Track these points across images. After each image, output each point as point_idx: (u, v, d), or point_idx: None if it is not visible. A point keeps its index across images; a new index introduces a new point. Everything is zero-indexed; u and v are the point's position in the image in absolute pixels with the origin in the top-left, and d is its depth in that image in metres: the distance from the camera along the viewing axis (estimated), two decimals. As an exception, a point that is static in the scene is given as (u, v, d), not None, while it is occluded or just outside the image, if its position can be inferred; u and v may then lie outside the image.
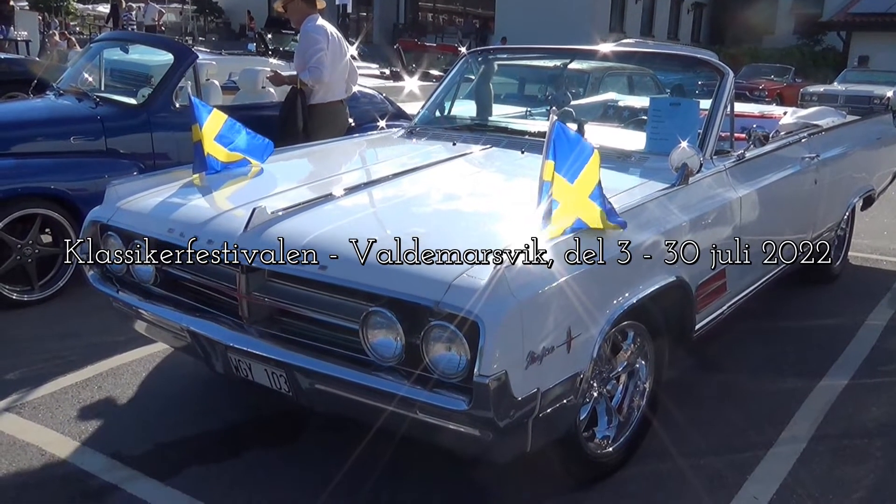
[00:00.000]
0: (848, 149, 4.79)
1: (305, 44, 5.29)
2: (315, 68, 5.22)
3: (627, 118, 4.34)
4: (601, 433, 2.80)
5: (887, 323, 4.55)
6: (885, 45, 21.80)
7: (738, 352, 4.05)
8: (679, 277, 2.83)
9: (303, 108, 5.29)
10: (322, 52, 5.22)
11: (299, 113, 5.26)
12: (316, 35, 5.27)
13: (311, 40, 5.27)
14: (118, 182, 3.12)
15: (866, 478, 2.93)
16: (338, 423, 3.03)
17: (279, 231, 2.55)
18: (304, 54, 5.29)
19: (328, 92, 5.39)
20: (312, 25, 5.29)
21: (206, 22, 32.14)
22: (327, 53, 5.25)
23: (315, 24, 5.30)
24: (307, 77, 5.25)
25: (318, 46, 5.23)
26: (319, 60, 5.21)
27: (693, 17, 32.98)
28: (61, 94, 5.21)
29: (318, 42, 5.24)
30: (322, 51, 5.22)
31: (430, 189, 3.11)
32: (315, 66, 5.22)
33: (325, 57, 5.23)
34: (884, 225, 6.95)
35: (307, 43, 5.27)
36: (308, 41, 5.28)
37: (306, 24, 5.30)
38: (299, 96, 5.29)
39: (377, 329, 2.27)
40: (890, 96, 16.70)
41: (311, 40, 5.27)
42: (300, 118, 5.26)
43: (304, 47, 5.30)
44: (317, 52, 5.22)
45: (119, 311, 3.08)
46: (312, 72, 5.23)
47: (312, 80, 5.25)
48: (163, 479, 2.79)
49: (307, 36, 5.29)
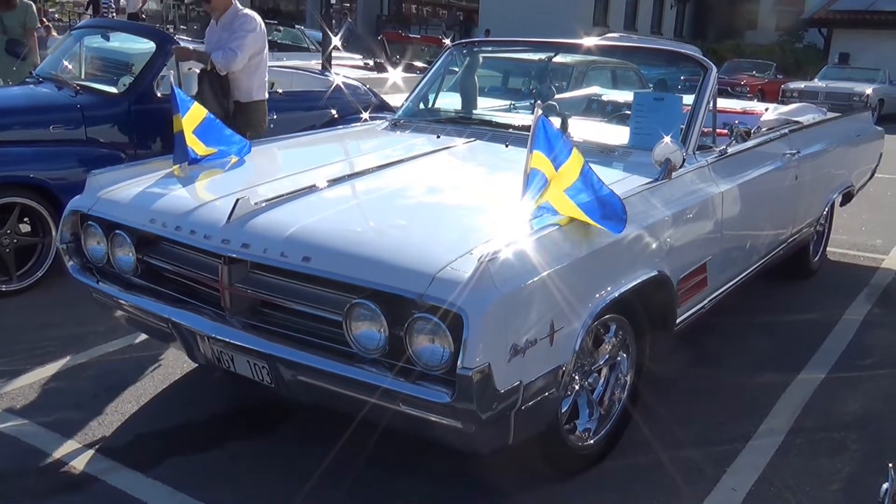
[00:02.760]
0: (828, 145, 4.84)
1: (233, 27, 4.92)
2: (232, 51, 4.83)
3: (611, 112, 4.35)
4: (582, 426, 2.82)
5: (864, 318, 4.61)
6: (866, 43, 22.00)
7: (718, 346, 4.09)
8: (661, 271, 2.85)
9: (223, 94, 4.91)
10: (247, 38, 4.89)
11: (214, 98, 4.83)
12: (250, 21, 4.95)
13: (243, 24, 4.92)
14: (99, 171, 3.09)
15: (843, 470, 2.97)
16: (319, 415, 3.03)
17: (262, 222, 2.54)
18: (228, 37, 4.90)
19: (253, 89, 5.05)
20: (244, 12, 5.00)
21: (187, 10, 31.84)
22: (251, 45, 4.92)
23: (246, 11, 5.00)
24: (219, 57, 4.83)
25: (246, 31, 4.90)
26: (241, 46, 4.85)
27: (676, 12, 33.09)
28: (41, 82, 5.15)
29: (250, 29, 4.92)
30: (247, 37, 4.89)
31: (413, 181, 3.10)
32: (233, 49, 4.84)
33: (247, 46, 4.88)
34: (862, 221, 7.03)
35: (236, 25, 4.92)
36: (238, 23, 4.92)
37: (235, 10, 5.00)
38: (212, 82, 4.89)
39: (360, 321, 2.27)
40: (869, 93, 16.90)
41: (243, 24, 4.92)
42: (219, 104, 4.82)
43: (230, 30, 4.93)
44: (242, 36, 4.88)
45: (99, 302, 3.06)
46: (227, 54, 4.83)
47: (224, 63, 4.83)
48: (144, 470, 2.77)
49: (238, 18, 4.95)
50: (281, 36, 15.21)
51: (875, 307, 4.81)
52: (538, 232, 2.35)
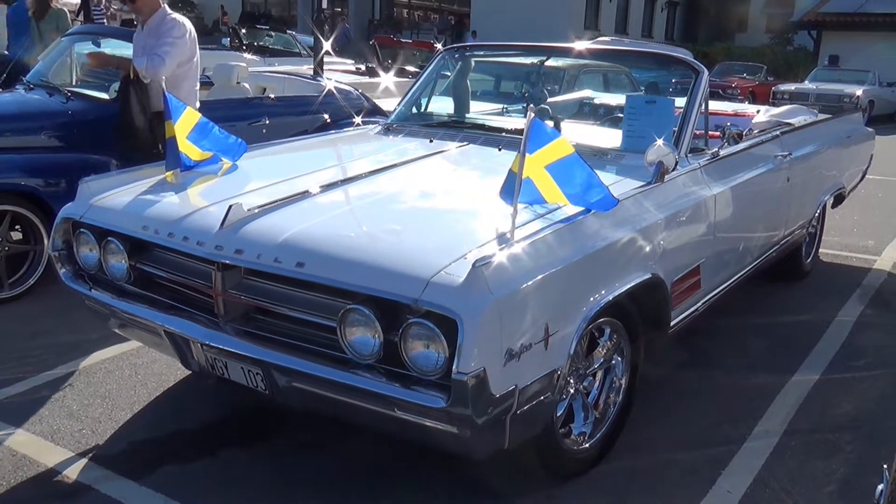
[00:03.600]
0: (819, 147, 4.86)
1: (161, 31, 4.46)
2: (158, 58, 4.35)
3: (603, 116, 4.36)
4: (577, 429, 2.82)
5: (857, 319, 4.63)
6: (855, 45, 22.12)
7: (712, 348, 4.09)
8: (655, 274, 2.85)
9: (145, 104, 4.48)
10: (175, 45, 4.42)
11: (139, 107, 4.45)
12: (179, 26, 4.49)
13: (171, 29, 4.45)
14: (91, 178, 3.07)
15: (837, 471, 2.98)
16: (313, 421, 3.02)
17: (255, 228, 2.53)
18: (154, 43, 4.44)
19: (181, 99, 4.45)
20: (173, 17, 4.54)
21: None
22: (179, 52, 4.45)
23: (175, 16, 4.56)
24: (143, 64, 4.37)
25: (174, 37, 4.43)
26: (168, 53, 4.38)
27: (667, 16, 33.22)
28: (31, 89, 5.13)
29: (178, 35, 4.46)
30: (175, 43, 4.43)
31: (407, 186, 3.10)
32: (160, 55, 4.36)
33: (175, 52, 4.42)
34: (854, 222, 7.06)
35: (164, 30, 4.46)
36: (165, 28, 4.46)
37: (163, 14, 4.54)
38: (133, 88, 4.46)
39: (355, 326, 2.26)
40: (859, 95, 17.00)
41: (171, 29, 4.45)
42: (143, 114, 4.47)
43: (156, 35, 4.46)
44: (170, 42, 4.41)
45: (92, 310, 3.04)
46: (154, 60, 4.35)
47: (149, 70, 4.37)
48: (137, 478, 2.76)
49: (167, 23, 4.48)
50: (272, 41, 15.20)
51: (867, 308, 4.82)
52: (532, 236, 2.35)
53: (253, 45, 14.31)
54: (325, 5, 9.00)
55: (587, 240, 2.53)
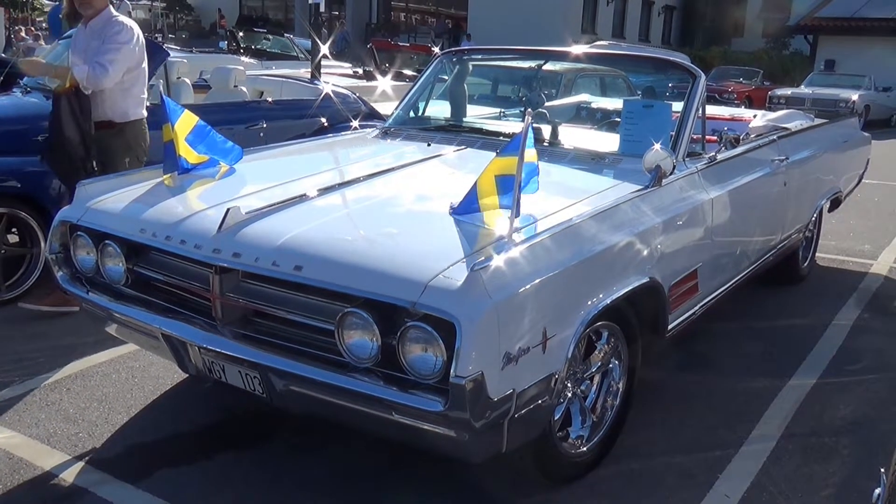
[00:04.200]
0: (816, 151, 4.87)
1: (105, 35, 4.03)
2: (101, 67, 3.94)
3: (601, 120, 4.37)
4: (575, 433, 2.82)
5: (853, 323, 4.64)
6: (851, 50, 22.17)
7: (709, 352, 4.10)
8: (652, 278, 2.86)
9: (83, 116, 3.99)
10: (121, 51, 4.02)
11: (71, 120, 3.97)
12: (126, 31, 4.07)
13: (117, 34, 4.03)
14: (88, 181, 3.08)
15: (835, 475, 2.98)
16: (310, 425, 3.02)
17: (253, 231, 2.53)
18: (97, 47, 4.01)
19: (130, 107, 4.19)
20: (118, 19, 4.11)
21: (175, 19, 31.82)
22: (126, 59, 4.06)
23: (122, 18, 4.14)
24: (83, 73, 3.92)
25: (120, 43, 4.02)
26: (113, 61, 3.97)
27: (664, 20, 33.31)
28: (28, 92, 5.12)
29: (125, 41, 4.04)
30: (121, 50, 4.02)
31: (405, 190, 3.10)
32: (103, 64, 3.94)
33: (121, 60, 4.01)
34: (850, 227, 7.08)
35: (109, 34, 4.03)
36: (111, 33, 4.03)
37: (109, 15, 4.12)
38: (70, 100, 3.96)
39: (353, 330, 2.26)
40: (855, 100, 17.05)
41: (117, 34, 4.03)
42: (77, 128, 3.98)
43: (100, 39, 4.04)
44: (115, 49, 4.00)
45: (89, 313, 3.04)
46: (96, 69, 3.93)
47: (90, 80, 3.94)
48: (134, 482, 2.75)
49: (112, 26, 4.06)
50: (270, 45, 15.20)
51: (864, 312, 4.83)
52: (530, 240, 2.35)
53: (250, 48, 14.33)
54: (322, 9, 9.00)
55: (585, 243, 2.53)
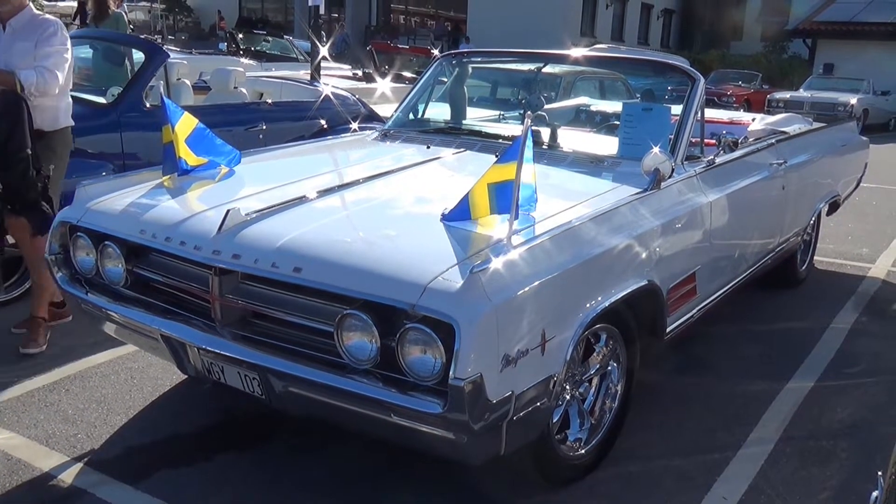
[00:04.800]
0: (814, 155, 4.88)
1: (37, 37, 3.76)
2: (49, 71, 3.71)
3: (600, 123, 4.38)
4: (573, 435, 2.83)
5: (851, 326, 4.65)
6: (850, 54, 22.21)
7: (708, 354, 4.10)
8: (651, 281, 2.86)
9: (30, 127, 3.68)
10: (62, 53, 3.80)
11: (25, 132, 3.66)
12: (59, 30, 3.83)
13: (51, 36, 3.78)
14: (88, 182, 3.07)
15: (832, 478, 2.99)
16: (309, 426, 3.02)
17: (253, 233, 2.53)
18: (27, 48, 3.74)
19: (60, 114, 3.94)
20: (44, 17, 3.87)
21: (175, 21, 31.82)
22: (67, 61, 3.83)
23: (46, 16, 3.90)
24: (32, 80, 3.66)
25: (58, 45, 3.79)
26: (58, 65, 3.76)
27: (663, 23, 33.36)
28: (28, 93, 5.11)
29: (62, 42, 3.81)
30: (64, 53, 3.81)
31: (404, 192, 3.11)
32: (50, 69, 3.72)
33: (63, 62, 3.80)
34: (848, 230, 7.09)
35: (42, 36, 3.76)
36: (44, 34, 3.77)
37: (31, 14, 3.85)
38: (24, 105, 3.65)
39: (352, 332, 2.26)
40: (854, 103, 17.07)
41: (51, 36, 3.78)
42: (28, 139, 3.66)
43: (30, 40, 3.75)
44: (57, 53, 3.78)
45: (88, 313, 3.04)
46: (44, 75, 3.70)
47: (41, 86, 3.69)
48: (133, 483, 2.75)
49: (40, 25, 3.80)
50: (269, 46, 15.21)
51: (862, 315, 4.84)
52: (529, 242, 2.36)
53: (250, 49, 14.34)
54: (322, 11, 9.01)
55: (584, 246, 2.53)
